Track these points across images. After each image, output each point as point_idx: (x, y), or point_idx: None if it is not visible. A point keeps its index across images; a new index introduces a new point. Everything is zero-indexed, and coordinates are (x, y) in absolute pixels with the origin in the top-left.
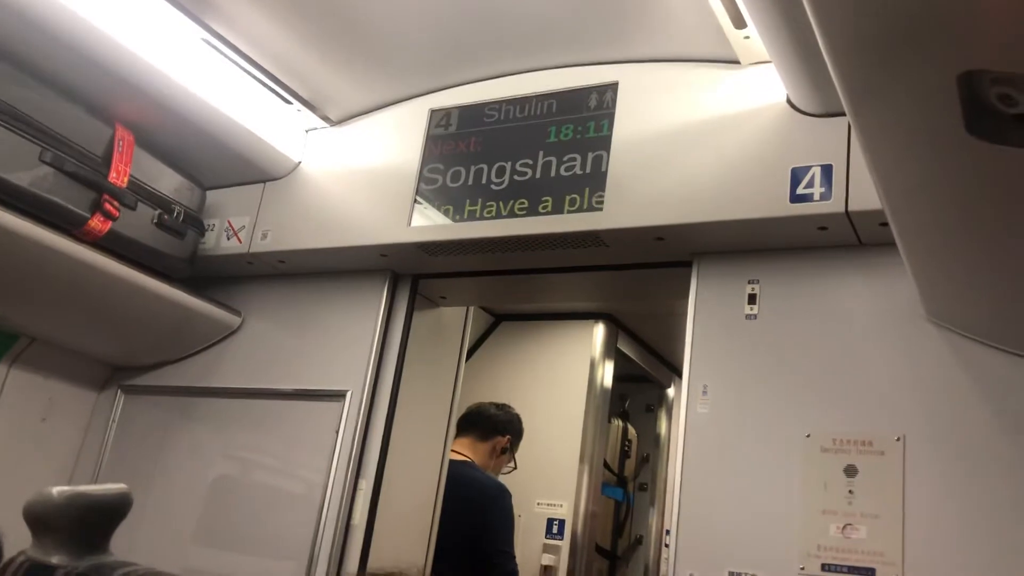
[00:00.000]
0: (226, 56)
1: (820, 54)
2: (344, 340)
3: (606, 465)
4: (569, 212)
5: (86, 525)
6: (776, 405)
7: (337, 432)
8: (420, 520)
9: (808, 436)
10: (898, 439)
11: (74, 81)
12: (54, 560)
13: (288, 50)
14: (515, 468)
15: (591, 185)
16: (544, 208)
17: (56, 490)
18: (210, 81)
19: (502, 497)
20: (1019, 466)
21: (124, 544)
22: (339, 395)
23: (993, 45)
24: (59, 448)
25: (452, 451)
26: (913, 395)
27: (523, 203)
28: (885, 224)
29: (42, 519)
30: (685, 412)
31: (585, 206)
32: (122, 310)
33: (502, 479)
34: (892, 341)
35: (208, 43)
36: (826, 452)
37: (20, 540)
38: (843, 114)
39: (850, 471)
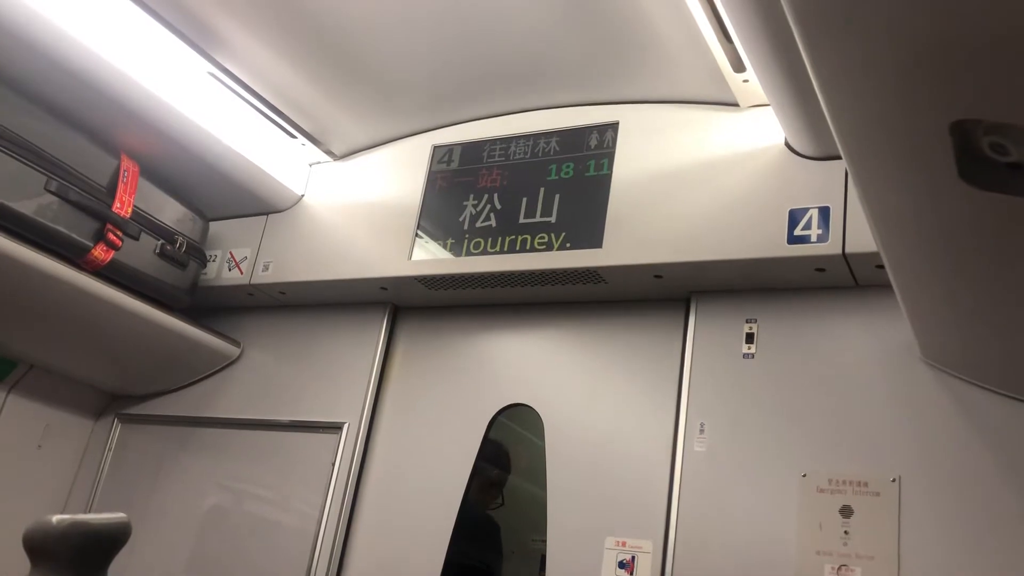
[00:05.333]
0: (232, 90)
1: (817, 98)
2: (343, 372)
3: None
4: (569, 249)
5: (85, 553)
6: (773, 444)
7: (333, 464)
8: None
9: (804, 476)
10: (893, 480)
11: (81, 112)
12: None
13: (293, 85)
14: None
15: (591, 222)
16: (544, 244)
17: (56, 518)
18: (215, 114)
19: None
20: (1014, 508)
21: (118, 574)
22: (336, 427)
23: (983, 96)
24: (54, 476)
25: None
26: (908, 436)
27: (524, 239)
28: (881, 266)
29: (41, 547)
30: (682, 450)
31: (585, 243)
32: (122, 339)
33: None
34: (888, 382)
35: (214, 76)
36: (822, 492)
37: (18, 566)
38: (840, 157)
39: (846, 512)
